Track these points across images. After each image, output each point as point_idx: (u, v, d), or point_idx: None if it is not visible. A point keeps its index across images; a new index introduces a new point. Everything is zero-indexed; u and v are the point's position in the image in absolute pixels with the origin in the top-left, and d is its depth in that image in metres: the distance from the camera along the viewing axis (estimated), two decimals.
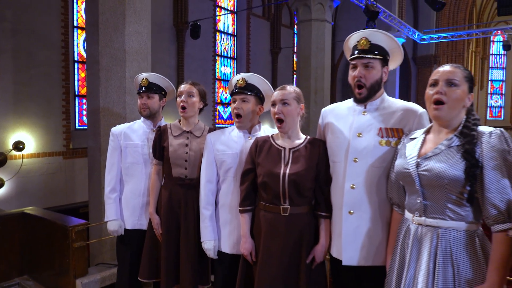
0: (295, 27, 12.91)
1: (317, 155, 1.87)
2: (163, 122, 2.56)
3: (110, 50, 3.68)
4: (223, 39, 11.43)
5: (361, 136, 1.76)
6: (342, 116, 1.86)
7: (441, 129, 1.51)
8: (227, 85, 2.28)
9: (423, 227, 1.48)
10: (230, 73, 11.64)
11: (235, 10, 11.75)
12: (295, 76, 9.52)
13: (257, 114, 2.10)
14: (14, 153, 6.25)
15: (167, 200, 2.28)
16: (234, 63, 11.89)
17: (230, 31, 11.69)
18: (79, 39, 7.70)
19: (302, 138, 1.93)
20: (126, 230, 2.51)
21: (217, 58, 11.01)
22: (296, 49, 10.67)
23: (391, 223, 1.73)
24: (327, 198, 1.86)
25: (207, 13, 10.04)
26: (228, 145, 2.10)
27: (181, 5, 9.33)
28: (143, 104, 2.48)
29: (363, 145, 1.74)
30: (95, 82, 3.73)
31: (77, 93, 7.69)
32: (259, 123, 2.14)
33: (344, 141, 1.80)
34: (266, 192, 1.87)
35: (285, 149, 1.90)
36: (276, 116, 1.86)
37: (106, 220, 2.51)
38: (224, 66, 11.49)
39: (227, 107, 11.48)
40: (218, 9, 11.07)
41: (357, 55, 1.74)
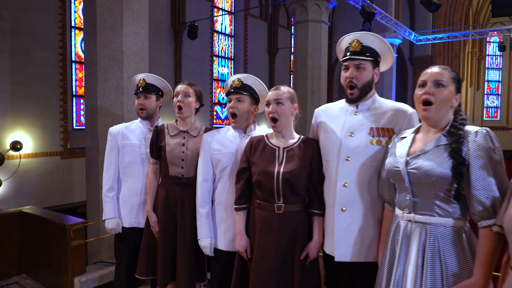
0: (292, 27, 12.96)
1: (311, 154, 1.91)
2: (160, 122, 2.60)
3: (107, 50, 3.71)
4: (221, 39, 11.47)
5: (353, 135, 1.80)
6: (334, 116, 1.91)
7: (430, 128, 1.56)
8: (224, 86, 2.32)
9: (412, 223, 1.52)
10: (227, 73, 11.67)
11: (233, 10, 11.78)
12: (292, 76, 9.56)
13: (252, 114, 2.14)
14: (11, 153, 6.26)
15: (164, 198, 2.31)
16: (231, 64, 11.92)
17: (227, 32, 11.73)
18: (76, 40, 7.72)
19: (296, 137, 1.97)
20: (123, 228, 2.54)
21: (214, 58, 11.05)
22: (293, 50, 10.71)
23: (382, 220, 1.77)
24: (320, 196, 1.90)
25: (205, 14, 10.07)
26: (223, 145, 2.13)
27: (178, 5, 9.36)
28: (140, 104, 2.52)
29: (355, 144, 1.79)
30: (93, 82, 3.76)
31: (74, 93, 7.71)
32: (254, 123, 2.18)
33: (336, 141, 1.84)
34: (260, 190, 1.91)
35: (279, 148, 1.93)
36: (270, 115, 1.90)
37: (104, 218, 2.54)
38: (221, 66, 11.52)
39: (224, 107, 11.50)
40: (215, 10, 11.10)
41: (349, 56, 1.79)
